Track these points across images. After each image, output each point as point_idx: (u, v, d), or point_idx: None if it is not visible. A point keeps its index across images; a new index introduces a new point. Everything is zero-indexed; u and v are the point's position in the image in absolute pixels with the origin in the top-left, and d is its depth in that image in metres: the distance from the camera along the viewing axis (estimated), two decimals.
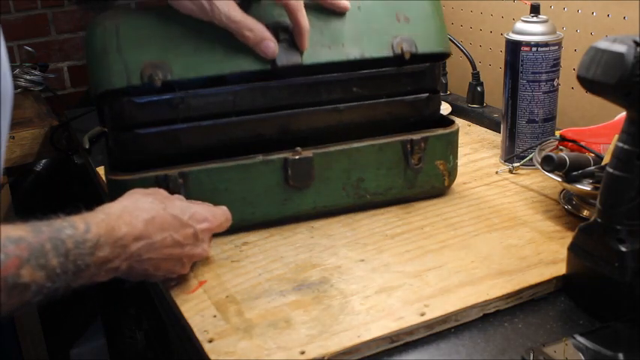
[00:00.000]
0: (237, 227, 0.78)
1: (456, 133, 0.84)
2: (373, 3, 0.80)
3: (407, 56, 0.79)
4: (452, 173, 0.85)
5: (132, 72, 0.71)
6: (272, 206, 0.78)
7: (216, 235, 0.77)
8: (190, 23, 0.73)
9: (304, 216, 0.80)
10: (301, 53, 0.75)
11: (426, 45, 0.80)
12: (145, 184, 0.72)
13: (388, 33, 0.80)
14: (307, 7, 0.74)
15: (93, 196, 1.12)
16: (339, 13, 0.78)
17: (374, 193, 0.82)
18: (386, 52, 0.79)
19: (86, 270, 0.56)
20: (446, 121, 0.85)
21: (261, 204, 0.78)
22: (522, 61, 0.90)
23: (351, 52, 0.78)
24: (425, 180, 0.83)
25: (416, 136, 0.81)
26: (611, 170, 0.60)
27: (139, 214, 0.62)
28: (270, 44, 0.73)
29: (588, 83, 0.58)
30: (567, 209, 0.80)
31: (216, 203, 0.75)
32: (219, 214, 0.71)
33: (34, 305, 0.54)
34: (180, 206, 0.67)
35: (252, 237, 0.77)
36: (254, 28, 0.72)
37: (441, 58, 0.83)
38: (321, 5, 0.77)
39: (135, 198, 0.65)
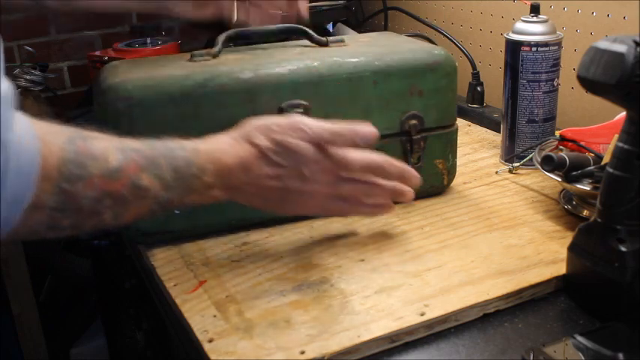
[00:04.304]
0: (238, 226, 0.78)
1: (455, 132, 0.84)
2: (391, 76, 0.78)
3: (413, 134, 0.80)
4: (451, 172, 0.85)
5: None
6: None
7: (215, 235, 0.77)
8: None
9: (304, 215, 0.80)
10: None
11: (434, 120, 0.81)
12: None
13: (399, 109, 0.80)
14: (326, 83, 0.76)
15: None
16: (355, 89, 0.77)
17: None
18: (394, 130, 0.80)
19: (194, 190, 0.60)
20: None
21: None
22: (522, 61, 0.89)
23: None
24: (424, 179, 0.83)
25: (415, 136, 0.81)
26: (611, 170, 0.60)
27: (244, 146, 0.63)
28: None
29: (588, 83, 0.58)
30: (567, 209, 0.80)
31: (216, 203, 0.75)
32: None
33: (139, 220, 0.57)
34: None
35: (252, 237, 0.77)
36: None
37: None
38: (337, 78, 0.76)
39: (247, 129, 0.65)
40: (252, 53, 0.81)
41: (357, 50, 0.81)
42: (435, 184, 0.85)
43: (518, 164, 0.93)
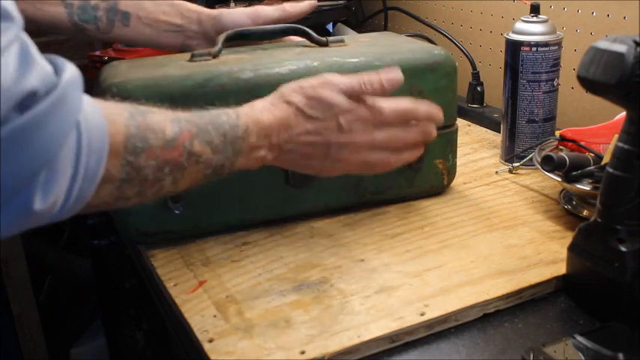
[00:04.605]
0: (238, 227, 0.78)
1: (455, 132, 0.84)
2: None
3: None
4: (451, 172, 0.85)
5: None
6: (272, 206, 0.78)
7: (216, 235, 0.77)
8: None
9: (304, 216, 0.80)
10: None
11: None
12: None
13: None
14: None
15: None
16: None
17: (374, 192, 0.82)
18: None
19: (241, 152, 0.63)
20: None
21: (262, 204, 0.78)
22: (522, 61, 0.89)
23: None
24: (424, 179, 0.83)
25: None
26: (611, 170, 0.60)
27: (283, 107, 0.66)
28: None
29: (588, 83, 0.58)
30: (567, 209, 0.80)
31: (216, 203, 0.75)
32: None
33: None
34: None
35: (252, 237, 0.77)
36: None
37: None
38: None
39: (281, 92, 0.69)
40: (252, 53, 0.81)
41: (357, 50, 0.81)
42: (435, 184, 0.85)
43: (518, 164, 0.93)
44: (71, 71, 0.47)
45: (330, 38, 0.84)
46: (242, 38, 0.84)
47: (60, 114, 0.45)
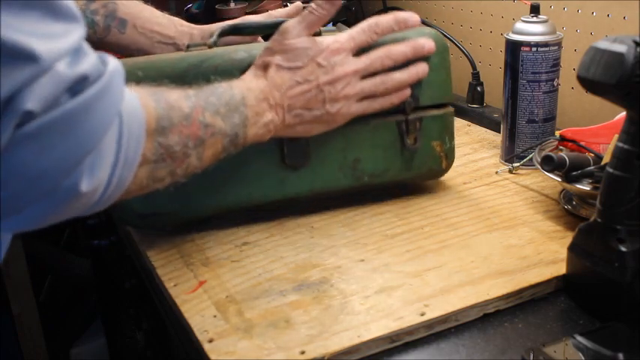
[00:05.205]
0: (236, 209, 0.78)
1: (451, 114, 0.84)
2: None
3: (408, 112, 0.80)
4: (449, 155, 0.85)
5: None
6: (269, 187, 0.78)
7: (216, 235, 0.77)
8: None
9: (302, 198, 0.80)
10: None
11: (429, 97, 0.81)
12: None
13: None
14: None
15: None
16: None
17: (371, 174, 0.81)
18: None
19: (248, 121, 0.66)
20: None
21: (258, 185, 0.78)
22: (522, 61, 0.89)
23: None
24: (422, 161, 0.83)
25: (411, 116, 0.81)
26: (610, 170, 0.60)
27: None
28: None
29: (588, 83, 0.58)
30: (567, 209, 0.80)
31: (210, 184, 0.75)
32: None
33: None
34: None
35: (253, 237, 0.77)
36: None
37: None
38: None
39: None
40: (247, 44, 0.81)
41: None
42: (434, 167, 0.84)
43: (518, 164, 0.93)
44: (114, 63, 0.49)
45: (323, 28, 0.84)
46: (238, 31, 0.85)
47: (107, 100, 0.46)
